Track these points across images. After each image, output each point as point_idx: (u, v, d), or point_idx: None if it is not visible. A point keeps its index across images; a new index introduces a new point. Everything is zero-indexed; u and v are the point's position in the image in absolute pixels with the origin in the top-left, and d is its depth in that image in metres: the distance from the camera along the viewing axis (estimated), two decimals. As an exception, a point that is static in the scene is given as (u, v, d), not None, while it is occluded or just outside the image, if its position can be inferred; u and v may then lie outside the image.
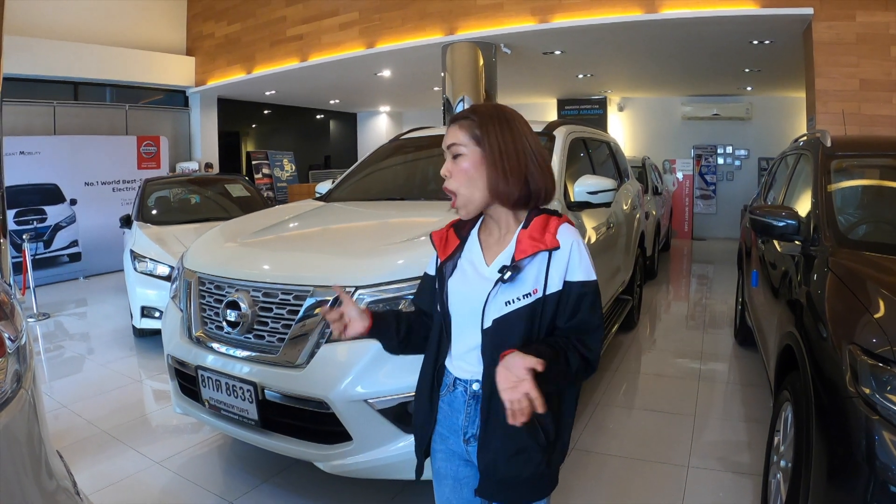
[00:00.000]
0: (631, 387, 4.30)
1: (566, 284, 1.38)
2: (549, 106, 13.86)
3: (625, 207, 5.03)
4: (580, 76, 10.82)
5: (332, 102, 14.82)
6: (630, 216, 5.22)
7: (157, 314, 5.06)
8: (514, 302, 1.39)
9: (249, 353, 2.54)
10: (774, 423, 2.52)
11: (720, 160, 12.63)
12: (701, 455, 3.18)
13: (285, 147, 14.72)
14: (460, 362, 1.48)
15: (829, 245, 2.51)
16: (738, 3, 6.42)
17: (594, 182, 3.46)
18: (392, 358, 2.29)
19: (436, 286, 1.54)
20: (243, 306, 2.53)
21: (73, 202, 8.78)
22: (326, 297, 2.39)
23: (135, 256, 5.39)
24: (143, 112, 11.41)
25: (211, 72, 11.47)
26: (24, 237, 6.86)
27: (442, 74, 8.13)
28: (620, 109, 13.38)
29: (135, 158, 9.69)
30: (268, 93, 12.39)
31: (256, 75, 10.48)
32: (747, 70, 9.60)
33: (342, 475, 2.45)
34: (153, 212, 6.52)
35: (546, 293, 1.38)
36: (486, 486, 1.45)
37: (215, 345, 2.65)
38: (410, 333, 1.59)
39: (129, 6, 10.96)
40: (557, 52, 8.59)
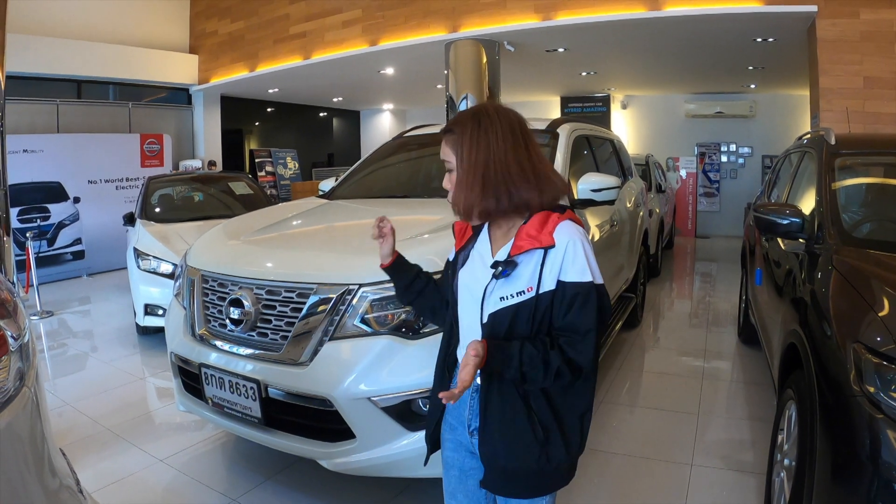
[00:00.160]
0: (634, 385, 4.30)
1: (559, 284, 1.37)
2: (553, 103, 13.84)
3: (628, 205, 5.02)
4: (583, 74, 10.80)
5: (336, 100, 14.82)
6: (633, 214, 5.22)
7: (161, 312, 5.06)
8: (509, 298, 1.39)
9: (253, 351, 2.54)
10: (778, 422, 2.51)
11: (724, 158, 12.60)
12: (704, 453, 3.18)
13: (288, 145, 14.71)
14: None
15: (834, 243, 2.50)
16: (742, 1, 6.39)
17: (598, 180, 3.45)
18: (395, 356, 2.30)
19: (450, 274, 1.57)
20: (247, 304, 2.53)
21: (77, 200, 8.80)
22: (330, 295, 2.39)
23: (138, 254, 5.39)
24: (147, 110, 11.42)
25: (214, 69, 11.47)
26: (28, 235, 6.87)
27: (445, 72, 8.11)
28: (624, 107, 13.35)
29: (138, 156, 9.71)
30: (271, 90, 12.38)
31: (259, 73, 10.48)
32: (751, 68, 9.56)
33: (345, 473, 2.45)
34: (156, 209, 6.53)
35: (540, 292, 1.37)
36: (490, 479, 1.47)
37: (219, 342, 2.65)
38: (421, 294, 1.68)
39: (133, 4, 10.96)
40: (561, 50, 8.57)
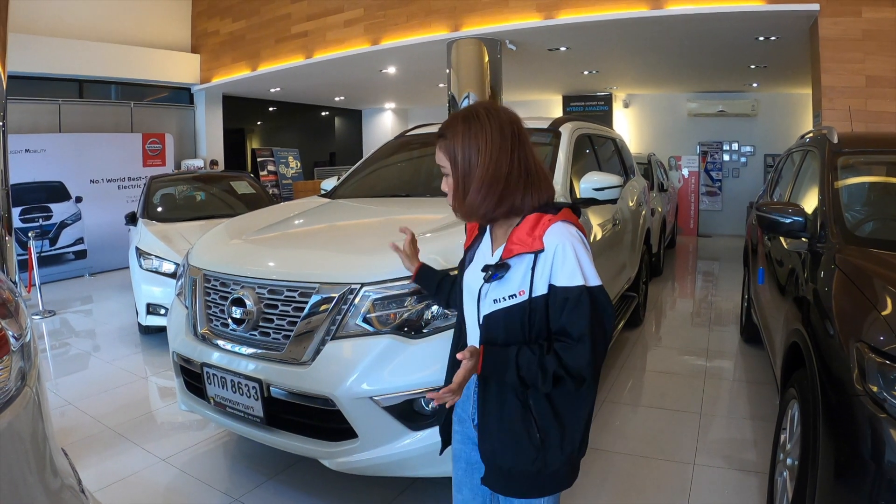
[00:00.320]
0: (636, 384, 4.29)
1: (550, 288, 1.36)
2: (555, 102, 13.84)
3: (630, 204, 5.02)
4: (585, 73, 10.79)
5: (338, 99, 14.82)
6: (636, 213, 5.21)
7: (163, 311, 5.07)
8: (502, 301, 1.39)
9: (255, 351, 2.54)
10: (781, 421, 2.51)
11: (726, 157, 12.59)
12: (707, 453, 3.17)
13: (290, 144, 14.72)
14: None
15: (836, 242, 2.50)
16: (744, 0, 6.39)
17: (600, 179, 3.44)
18: (398, 355, 2.30)
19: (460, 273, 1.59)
20: (248, 303, 2.52)
21: (79, 200, 8.81)
22: (332, 294, 2.39)
23: (140, 253, 5.40)
24: (149, 109, 11.43)
25: (216, 69, 11.47)
26: (30, 234, 6.88)
27: (447, 71, 8.11)
28: (626, 106, 13.34)
29: (140, 156, 9.72)
30: (273, 90, 12.38)
31: (261, 72, 10.48)
32: (753, 66, 9.55)
33: (347, 472, 2.45)
34: (158, 209, 6.54)
35: (533, 295, 1.36)
36: (489, 477, 1.47)
37: (221, 342, 2.65)
38: (451, 294, 1.73)
39: (134, 4, 10.96)
40: (563, 49, 8.56)
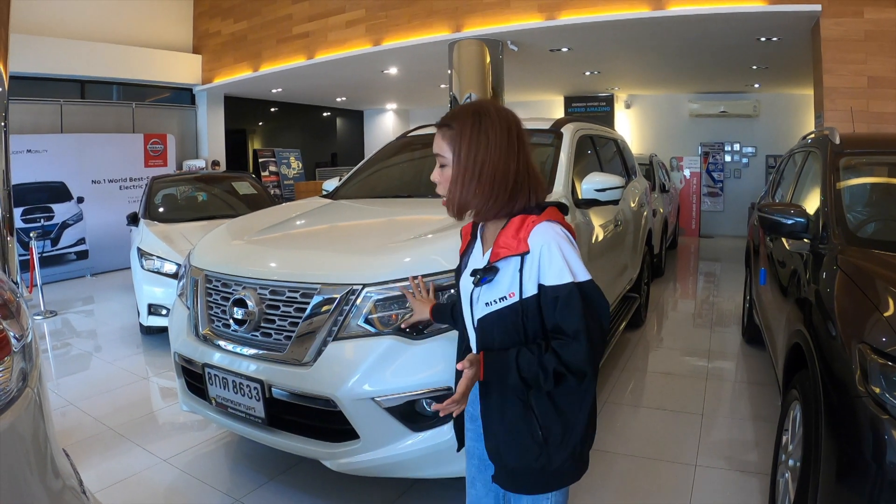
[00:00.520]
0: (638, 385, 4.29)
1: (540, 288, 1.36)
2: (556, 103, 13.83)
3: (632, 205, 5.01)
4: (587, 73, 10.78)
5: (339, 100, 14.83)
6: (637, 214, 5.20)
7: (164, 312, 5.07)
8: (493, 304, 1.40)
9: (256, 351, 2.53)
10: (783, 422, 2.50)
11: (728, 157, 12.58)
12: (708, 454, 3.17)
13: (292, 145, 14.74)
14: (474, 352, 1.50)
15: (838, 243, 2.49)
16: (746, 0, 6.38)
17: (602, 179, 3.44)
18: (399, 356, 2.30)
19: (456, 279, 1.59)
20: (250, 304, 2.52)
21: (81, 200, 8.82)
22: (333, 295, 2.38)
23: (142, 254, 5.40)
24: (150, 110, 11.45)
25: (217, 69, 11.49)
26: (32, 235, 6.90)
27: (449, 72, 8.12)
28: (627, 106, 13.33)
29: (142, 156, 9.73)
30: (274, 90, 12.39)
31: (263, 73, 10.49)
32: (755, 67, 9.54)
33: (349, 473, 2.45)
34: (160, 209, 6.54)
35: (523, 297, 1.37)
36: (497, 475, 1.48)
37: (222, 342, 2.65)
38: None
39: (136, 4, 10.99)
40: (564, 50, 8.56)
